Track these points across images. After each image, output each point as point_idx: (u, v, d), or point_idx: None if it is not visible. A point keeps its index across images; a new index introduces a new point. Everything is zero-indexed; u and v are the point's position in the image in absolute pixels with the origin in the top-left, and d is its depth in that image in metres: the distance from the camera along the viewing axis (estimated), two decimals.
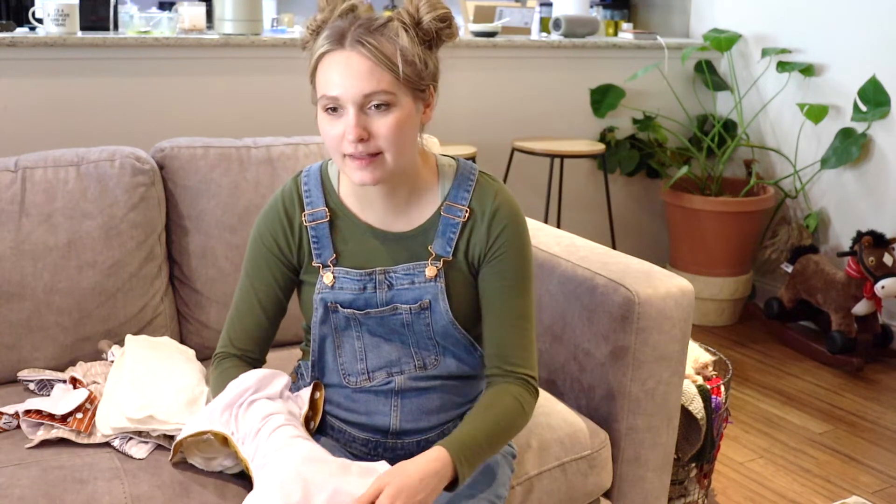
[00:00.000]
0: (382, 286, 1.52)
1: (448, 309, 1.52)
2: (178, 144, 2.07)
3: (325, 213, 1.54)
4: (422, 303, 1.51)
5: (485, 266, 1.53)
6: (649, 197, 4.22)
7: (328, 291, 1.53)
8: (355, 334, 1.56)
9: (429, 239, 1.53)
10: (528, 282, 1.56)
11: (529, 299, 1.56)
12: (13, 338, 1.86)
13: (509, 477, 1.61)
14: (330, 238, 1.54)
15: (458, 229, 1.52)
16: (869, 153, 3.68)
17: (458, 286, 1.53)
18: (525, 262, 1.55)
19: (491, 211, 1.53)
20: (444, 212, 1.53)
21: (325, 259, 1.54)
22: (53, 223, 1.89)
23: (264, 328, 1.59)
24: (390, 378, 1.55)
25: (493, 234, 1.52)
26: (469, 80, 3.65)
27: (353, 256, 1.54)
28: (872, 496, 2.61)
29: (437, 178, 1.56)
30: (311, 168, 1.60)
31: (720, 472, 2.69)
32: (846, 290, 3.46)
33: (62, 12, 2.87)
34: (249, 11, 3.16)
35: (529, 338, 1.55)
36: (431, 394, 1.57)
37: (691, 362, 2.28)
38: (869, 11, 3.63)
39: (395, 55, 1.38)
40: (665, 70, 3.98)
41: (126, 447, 1.60)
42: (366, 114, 1.39)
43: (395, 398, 1.56)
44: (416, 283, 1.52)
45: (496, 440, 1.49)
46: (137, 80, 3.03)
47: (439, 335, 1.54)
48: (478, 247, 1.53)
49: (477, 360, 1.59)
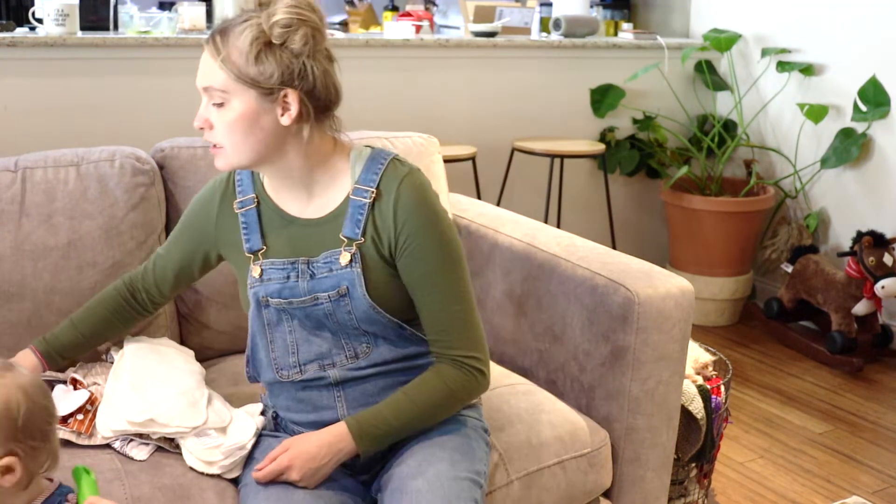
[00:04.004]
0: (304, 276, 1.55)
1: (365, 293, 1.53)
2: (178, 144, 2.07)
3: (253, 200, 1.62)
4: (339, 289, 1.53)
5: (400, 258, 1.55)
6: (649, 197, 4.22)
7: (258, 285, 1.58)
8: (287, 328, 1.58)
9: (339, 225, 1.56)
10: (455, 264, 1.56)
11: (459, 282, 1.56)
12: (13, 338, 1.86)
13: (487, 452, 1.63)
14: (258, 225, 1.60)
15: (366, 210, 1.54)
16: (869, 153, 3.68)
17: (375, 271, 1.55)
18: (444, 245, 1.55)
19: (395, 196, 1.54)
20: (352, 195, 1.56)
21: (254, 247, 1.60)
22: (53, 223, 1.89)
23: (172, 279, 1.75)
24: (324, 372, 1.57)
25: (400, 221, 1.53)
26: (469, 80, 3.64)
27: (278, 246, 1.59)
28: (872, 496, 2.61)
29: (348, 163, 1.59)
30: None
31: (720, 472, 2.70)
32: (846, 290, 3.46)
33: (62, 12, 2.87)
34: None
35: (465, 319, 1.56)
36: (373, 380, 1.58)
37: (691, 362, 2.28)
38: (869, 11, 3.63)
39: (230, 53, 1.46)
40: (665, 70, 3.98)
41: (127, 449, 1.60)
42: (212, 107, 1.51)
43: (336, 390, 1.58)
44: (334, 270, 1.54)
45: (412, 421, 1.54)
46: (137, 80, 3.03)
47: (363, 322, 1.55)
48: (386, 230, 1.54)
49: (411, 341, 1.60)
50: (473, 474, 1.53)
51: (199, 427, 1.61)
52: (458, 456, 1.54)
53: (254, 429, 1.61)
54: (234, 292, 2.02)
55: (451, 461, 1.52)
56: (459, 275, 1.57)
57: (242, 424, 1.63)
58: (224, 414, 1.65)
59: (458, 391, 1.56)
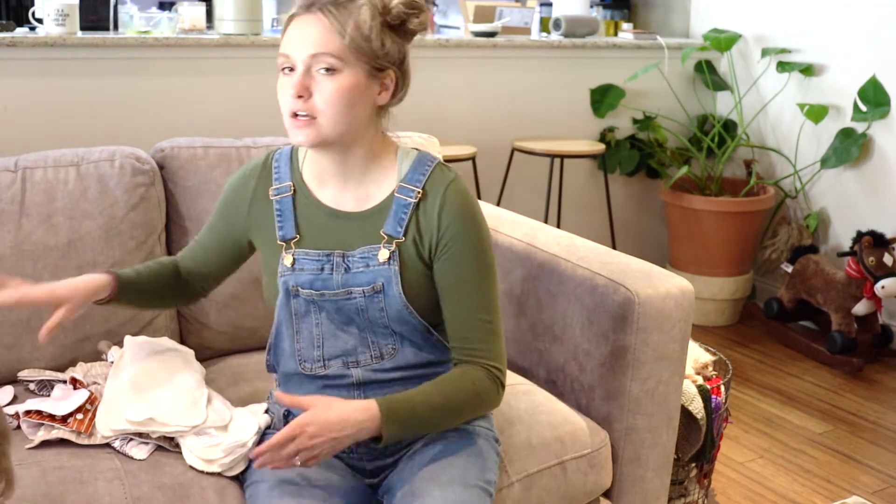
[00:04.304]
0: (339, 268, 1.54)
1: (401, 292, 1.52)
2: (178, 144, 2.07)
3: (289, 188, 1.60)
4: (375, 285, 1.52)
5: (438, 260, 1.54)
6: (649, 197, 4.22)
7: (289, 274, 1.55)
8: (314, 321, 1.57)
9: (381, 221, 1.55)
10: (487, 275, 1.56)
11: (490, 293, 1.56)
12: (13, 338, 1.86)
13: (496, 462, 1.62)
14: (293, 213, 1.58)
15: (410, 209, 1.54)
16: (869, 153, 3.68)
17: (411, 270, 1.54)
18: (481, 254, 1.55)
19: (442, 199, 1.54)
20: (398, 193, 1.55)
21: (287, 235, 1.58)
22: (53, 223, 1.89)
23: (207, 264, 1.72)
24: (347, 370, 1.56)
25: (444, 224, 1.53)
26: (469, 80, 3.64)
27: (313, 236, 1.57)
28: (872, 496, 2.61)
29: (396, 160, 1.58)
30: (284, 149, 1.66)
31: (720, 472, 2.69)
32: (846, 290, 3.46)
33: (62, 12, 2.87)
34: (249, 11, 3.16)
35: (492, 331, 1.56)
36: (394, 386, 1.57)
37: (691, 362, 2.28)
38: (869, 11, 3.63)
39: (348, 24, 1.45)
40: (665, 70, 3.98)
41: (126, 448, 1.60)
42: (312, 76, 1.46)
43: (357, 392, 1.57)
44: (371, 266, 1.53)
45: (439, 415, 1.51)
46: (137, 80, 3.03)
47: (394, 321, 1.54)
48: (428, 233, 1.54)
49: (436, 347, 1.60)
50: (484, 483, 1.53)
51: (198, 426, 1.61)
52: (469, 464, 1.54)
53: (256, 427, 1.61)
54: (235, 292, 2.03)
55: (463, 468, 1.52)
56: (492, 285, 1.57)
57: (244, 422, 1.63)
58: (224, 413, 1.65)
59: (483, 395, 1.54)
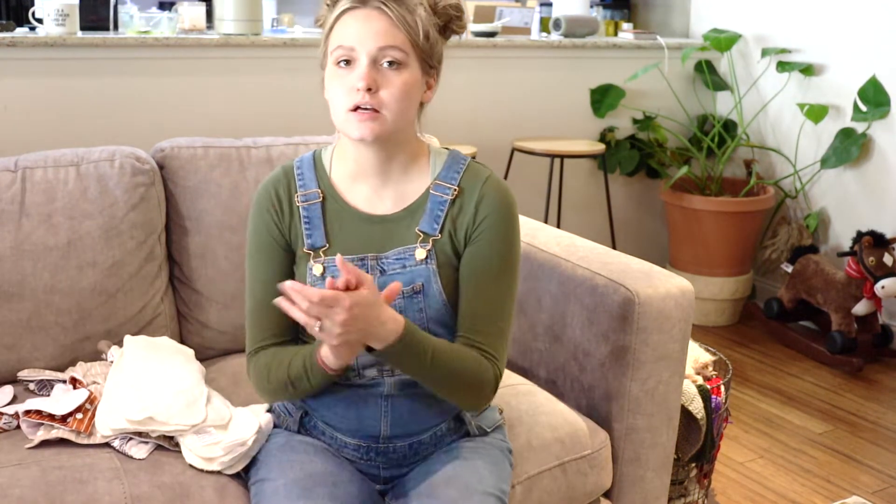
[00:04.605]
0: (374, 272, 1.51)
1: (441, 290, 1.51)
2: (178, 144, 2.07)
3: (318, 195, 1.55)
4: (414, 286, 1.50)
5: (468, 246, 1.52)
6: (649, 197, 4.22)
7: (320, 283, 1.50)
8: None
9: (416, 221, 1.53)
10: (510, 273, 1.54)
11: (508, 292, 1.54)
12: (13, 338, 1.86)
13: (510, 473, 1.61)
14: (322, 220, 1.54)
15: (446, 206, 1.53)
16: (869, 153, 3.68)
17: (446, 267, 1.52)
18: (510, 251, 1.54)
19: (480, 192, 1.53)
20: (433, 190, 1.54)
21: (316, 243, 1.53)
22: (53, 223, 1.89)
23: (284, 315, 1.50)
24: (381, 378, 1.53)
25: (481, 215, 1.52)
26: (469, 80, 3.65)
27: (344, 243, 1.53)
28: (872, 496, 2.61)
29: (429, 159, 1.57)
30: (304, 155, 1.62)
31: (720, 472, 2.69)
32: (846, 290, 3.46)
33: (62, 12, 2.87)
34: (249, 11, 3.17)
35: (502, 331, 1.53)
36: (422, 400, 1.55)
37: (691, 362, 2.28)
38: (869, 11, 3.63)
39: (410, 19, 1.44)
40: (665, 70, 3.98)
41: (126, 447, 1.60)
42: (376, 69, 1.43)
43: (384, 404, 1.54)
44: (408, 266, 1.51)
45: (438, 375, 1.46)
46: (137, 80, 3.03)
47: (433, 321, 1.52)
48: (464, 226, 1.52)
49: None
50: (499, 492, 1.52)
51: (198, 425, 1.61)
52: (486, 472, 1.53)
53: (256, 426, 1.61)
54: (235, 292, 2.03)
55: (480, 476, 1.51)
56: (512, 286, 1.55)
57: (244, 421, 1.62)
58: (223, 412, 1.65)
59: (483, 387, 1.50)
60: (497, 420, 1.66)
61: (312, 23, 4.08)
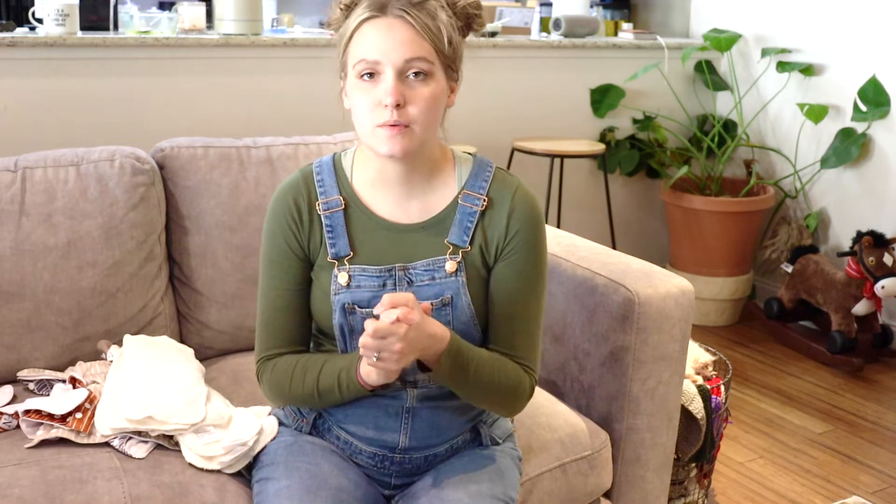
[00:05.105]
0: (402, 283, 1.47)
1: (470, 302, 1.48)
2: (178, 144, 2.07)
3: (340, 202, 1.50)
4: (443, 299, 1.47)
5: (500, 261, 1.50)
6: (649, 197, 4.22)
7: (345, 292, 1.47)
8: None
9: (444, 230, 1.49)
10: (542, 284, 1.53)
11: (540, 301, 1.53)
12: (13, 338, 1.86)
13: (518, 481, 1.60)
14: (345, 228, 1.49)
15: (476, 218, 1.49)
16: (869, 153, 3.68)
17: (474, 280, 1.49)
18: (541, 262, 1.53)
19: (511, 204, 1.50)
20: (461, 200, 1.50)
21: (340, 252, 1.48)
22: (53, 223, 1.89)
23: (298, 324, 1.53)
24: (403, 390, 1.50)
25: (513, 229, 1.49)
26: (469, 80, 3.61)
27: (369, 252, 1.48)
28: (872, 496, 2.61)
29: (454, 167, 1.54)
30: (322, 159, 1.56)
31: (720, 472, 2.69)
32: (846, 290, 3.46)
33: (62, 12, 2.87)
34: (249, 11, 3.16)
35: (536, 342, 1.54)
36: (442, 413, 1.53)
37: (691, 362, 2.28)
38: (869, 11, 3.63)
39: (433, 26, 1.39)
40: (665, 70, 3.98)
41: (125, 447, 1.60)
42: (403, 81, 1.38)
43: (405, 416, 1.52)
44: (437, 278, 1.47)
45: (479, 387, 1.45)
46: (137, 80, 3.03)
47: (459, 332, 1.47)
48: (495, 239, 1.49)
49: None
50: (508, 499, 1.52)
51: (197, 424, 1.61)
52: (496, 478, 1.53)
53: (258, 427, 1.60)
54: (234, 292, 2.03)
55: (490, 482, 1.51)
56: (543, 297, 1.54)
57: (245, 421, 1.62)
58: (223, 411, 1.65)
59: (518, 396, 1.50)
60: (509, 429, 1.66)
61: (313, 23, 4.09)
